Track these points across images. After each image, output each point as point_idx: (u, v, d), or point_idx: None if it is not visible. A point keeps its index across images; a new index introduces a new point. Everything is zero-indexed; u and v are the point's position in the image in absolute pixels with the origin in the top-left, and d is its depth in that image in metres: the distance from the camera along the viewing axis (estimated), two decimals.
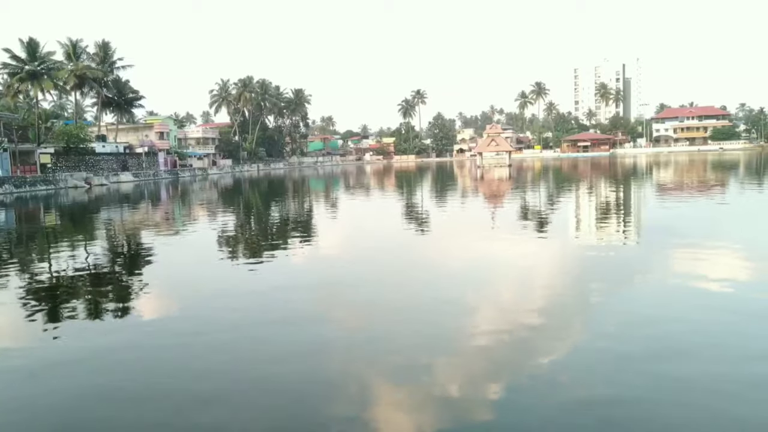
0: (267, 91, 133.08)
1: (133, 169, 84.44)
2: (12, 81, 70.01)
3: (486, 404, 5.93)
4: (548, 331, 8.10)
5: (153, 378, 6.90)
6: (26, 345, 8.54)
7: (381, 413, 5.81)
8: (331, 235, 19.76)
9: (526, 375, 6.61)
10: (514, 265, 12.98)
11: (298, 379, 6.70)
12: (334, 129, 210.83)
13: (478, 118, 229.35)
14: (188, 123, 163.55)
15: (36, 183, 59.90)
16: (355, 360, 7.27)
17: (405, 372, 6.76)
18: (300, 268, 13.69)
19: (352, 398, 6.16)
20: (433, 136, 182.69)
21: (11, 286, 12.43)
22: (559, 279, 11.49)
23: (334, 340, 8.05)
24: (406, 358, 7.17)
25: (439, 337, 7.96)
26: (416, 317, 8.95)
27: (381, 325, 8.74)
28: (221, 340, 8.22)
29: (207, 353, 7.68)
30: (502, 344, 7.68)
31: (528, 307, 9.41)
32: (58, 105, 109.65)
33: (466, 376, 6.62)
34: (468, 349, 7.54)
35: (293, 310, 9.68)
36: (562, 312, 9.11)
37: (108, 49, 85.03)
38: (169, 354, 7.78)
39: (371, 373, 6.83)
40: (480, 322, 8.65)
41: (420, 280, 11.79)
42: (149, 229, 24.21)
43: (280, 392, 6.41)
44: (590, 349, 7.41)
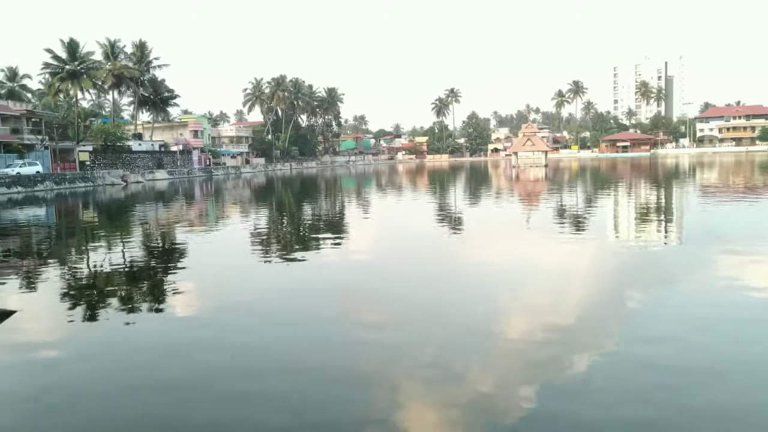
0: (300, 90, 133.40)
1: (168, 166, 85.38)
2: (53, 80, 71.37)
3: (517, 409, 5.76)
4: (583, 336, 7.89)
5: (186, 372, 6.96)
6: (64, 336, 8.50)
7: (410, 416, 5.72)
8: (363, 235, 19.41)
9: (560, 380, 6.37)
10: (549, 267, 12.63)
11: (326, 378, 6.66)
12: (366, 128, 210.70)
13: (514, 118, 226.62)
14: (222, 122, 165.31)
15: (75, 180, 60.83)
16: (384, 361, 7.12)
17: (435, 374, 6.63)
18: (331, 267, 13.50)
19: (381, 399, 6.08)
20: (467, 136, 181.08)
21: (50, 281, 12.73)
22: (596, 282, 11.19)
23: (363, 341, 8.02)
24: (436, 361, 7.04)
25: (471, 340, 7.81)
26: (448, 319, 8.80)
27: (411, 326, 8.59)
28: (256, 337, 8.22)
29: (235, 352, 7.61)
30: (536, 348, 7.44)
31: (563, 310, 9.16)
32: (96, 104, 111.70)
33: (498, 379, 6.47)
34: (501, 352, 7.36)
35: (323, 309, 9.69)
36: (598, 316, 8.89)
37: (145, 48, 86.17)
38: (194, 351, 7.69)
39: (401, 375, 6.69)
40: (514, 325, 8.47)
41: (452, 281, 11.60)
42: (183, 226, 24.30)
43: (308, 392, 6.30)
44: (626, 355, 7.12)
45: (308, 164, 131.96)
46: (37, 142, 65.29)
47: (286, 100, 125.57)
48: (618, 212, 24.08)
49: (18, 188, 51.46)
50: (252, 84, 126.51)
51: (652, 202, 27.64)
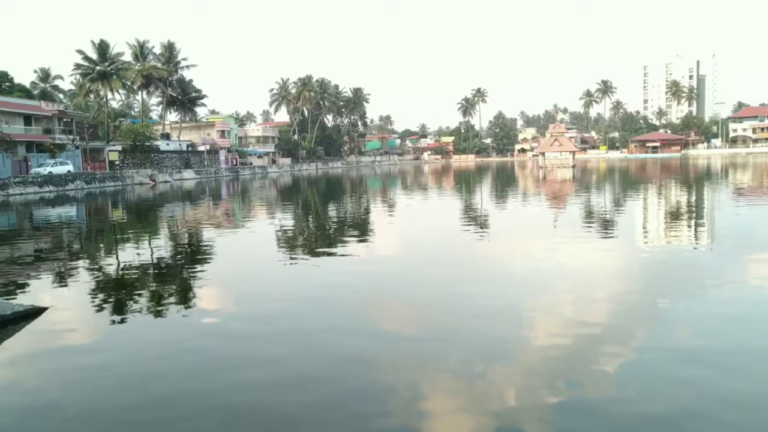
0: (326, 90, 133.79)
1: (196, 166, 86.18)
2: (84, 81, 72.55)
3: (543, 414, 5.65)
4: (610, 340, 7.70)
5: (212, 367, 6.98)
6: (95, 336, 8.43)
7: (433, 420, 5.64)
8: (388, 236, 19.26)
9: (586, 386, 6.26)
10: (576, 269, 12.33)
11: (349, 378, 6.63)
12: (392, 128, 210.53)
13: (541, 118, 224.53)
14: (249, 122, 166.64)
15: (105, 179, 61.68)
16: (408, 363, 7.04)
17: (459, 378, 6.56)
18: (355, 268, 13.36)
19: (404, 402, 6.00)
20: (493, 136, 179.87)
21: (80, 278, 12.84)
22: (625, 285, 10.91)
23: (387, 342, 7.88)
24: (460, 366, 6.92)
25: (496, 343, 7.67)
26: (472, 322, 8.62)
27: (435, 328, 8.45)
28: (278, 337, 8.17)
29: (260, 351, 7.55)
30: (562, 352, 7.30)
31: (590, 313, 8.95)
32: (125, 104, 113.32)
33: (523, 384, 6.34)
34: (527, 357, 7.17)
35: (346, 310, 9.56)
36: (627, 320, 8.65)
37: (173, 49, 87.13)
38: (217, 350, 7.63)
39: (425, 378, 6.62)
40: (540, 329, 8.26)
41: (477, 283, 11.38)
42: (210, 225, 24.41)
43: (332, 394, 6.24)
44: (656, 363, 6.85)
45: (334, 164, 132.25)
46: (68, 142, 66.38)
47: (312, 100, 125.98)
48: (647, 214, 23.59)
49: (50, 187, 52.31)
50: (278, 84, 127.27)
51: (682, 204, 26.95)
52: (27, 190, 49.57)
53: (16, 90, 72.36)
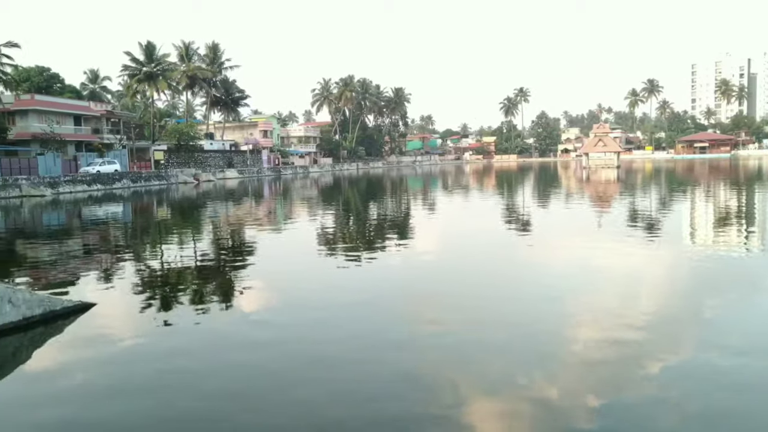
0: (367, 90, 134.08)
1: (238, 166, 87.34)
2: (131, 82, 74.30)
3: (586, 420, 5.51)
4: (655, 345, 7.45)
5: (256, 367, 6.91)
6: (141, 332, 8.49)
7: (471, 422, 5.54)
8: (429, 236, 19.03)
9: (630, 391, 6.07)
10: (620, 271, 12.05)
11: (390, 378, 6.57)
12: (433, 128, 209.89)
13: (585, 117, 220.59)
14: (291, 122, 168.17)
15: (150, 178, 62.98)
16: (447, 365, 6.93)
17: (499, 380, 6.47)
18: (396, 268, 13.24)
19: (444, 403, 5.92)
20: (536, 136, 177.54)
21: (126, 275, 13.07)
22: (671, 288, 10.61)
23: (427, 344, 7.74)
24: (499, 366, 6.86)
25: (536, 345, 7.54)
26: (512, 323, 8.51)
27: (475, 329, 8.30)
28: (319, 336, 8.06)
29: (303, 349, 7.45)
30: (606, 357, 7.09)
31: (635, 317, 8.64)
32: (171, 104, 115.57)
33: (564, 388, 6.18)
34: (568, 360, 7.01)
35: (385, 310, 9.50)
36: (672, 325, 8.36)
37: (217, 50, 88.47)
38: (261, 347, 7.60)
39: (464, 379, 6.50)
40: (582, 332, 8.05)
41: (518, 285, 11.24)
42: (252, 224, 24.56)
43: (372, 393, 6.21)
44: (702, 369, 6.64)
45: (374, 164, 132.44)
46: (115, 142, 68.06)
47: (353, 100, 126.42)
48: (695, 216, 22.82)
49: (98, 186, 53.66)
50: (320, 84, 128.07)
51: (731, 206, 25.89)
52: (76, 189, 50.96)
53: (67, 91, 74.52)
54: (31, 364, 7.57)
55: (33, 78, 70.78)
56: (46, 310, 8.97)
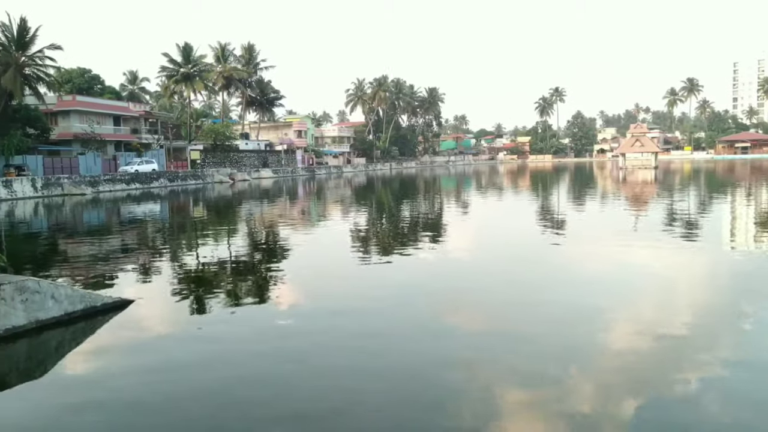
0: (401, 90, 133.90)
1: (273, 165, 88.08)
2: (169, 83, 75.50)
3: (619, 424, 5.41)
4: (693, 349, 7.28)
5: (286, 361, 6.81)
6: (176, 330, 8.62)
7: (506, 425, 5.50)
8: (462, 237, 18.87)
9: (666, 396, 5.93)
10: (657, 274, 11.83)
11: (423, 379, 6.48)
12: (467, 128, 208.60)
13: (621, 117, 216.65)
14: (325, 122, 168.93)
15: (186, 177, 63.95)
16: (483, 367, 6.88)
17: (534, 382, 6.33)
18: (429, 269, 13.15)
19: (477, 405, 5.88)
20: (571, 136, 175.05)
21: (164, 273, 13.39)
22: (709, 291, 10.38)
23: (461, 345, 7.63)
24: (535, 368, 6.72)
25: (572, 348, 7.40)
26: (547, 324, 8.38)
27: (510, 331, 8.23)
28: (354, 333, 8.01)
29: (336, 348, 7.44)
30: (642, 360, 6.95)
31: (671, 320, 8.51)
32: (207, 104, 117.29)
33: (599, 393, 6.05)
34: (603, 363, 6.91)
35: (418, 310, 9.41)
36: (710, 328, 8.23)
37: (253, 51, 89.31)
38: (295, 341, 7.60)
39: (499, 381, 6.47)
40: (617, 334, 7.92)
41: (554, 286, 11.01)
42: (287, 223, 24.71)
43: (406, 395, 6.14)
44: (741, 374, 6.45)
45: (408, 164, 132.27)
46: (153, 141, 69.26)
47: (387, 100, 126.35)
48: (735, 218, 22.18)
49: (136, 185, 54.70)
50: (354, 84, 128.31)
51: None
52: (115, 188, 52.04)
53: (107, 92, 76.13)
54: (72, 358, 7.70)
55: (75, 79, 72.50)
56: (87, 306, 9.11)
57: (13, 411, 6.15)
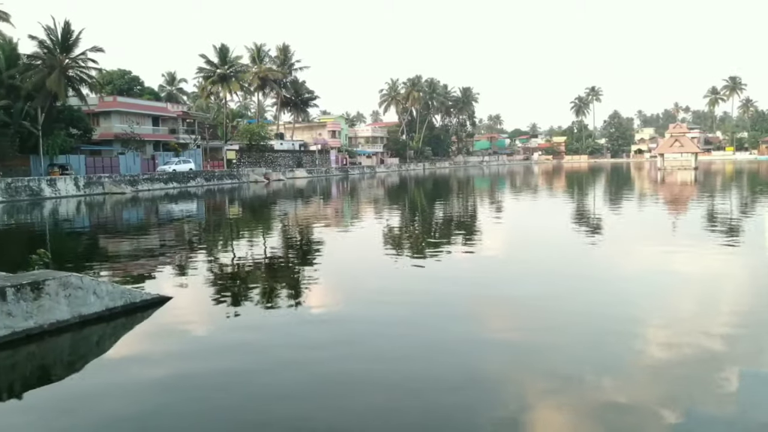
0: (435, 90, 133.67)
1: (307, 165, 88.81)
2: (206, 84, 76.69)
3: None
4: (733, 356, 7.07)
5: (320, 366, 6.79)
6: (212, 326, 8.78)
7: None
8: (495, 238, 18.71)
9: (706, 404, 5.82)
10: (696, 278, 11.59)
11: (455, 381, 6.49)
12: (501, 128, 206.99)
13: (660, 117, 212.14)
14: (358, 122, 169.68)
15: (223, 177, 64.93)
16: (515, 370, 6.83)
17: (568, 388, 6.23)
18: (462, 270, 13.07)
19: (509, 407, 5.84)
20: (608, 136, 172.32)
21: (200, 270, 13.58)
22: (748, 297, 10.07)
23: (494, 348, 7.59)
24: (569, 373, 6.60)
25: (608, 354, 7.27)
26: (583, 330, 8.27)
27: (544, 334, 8.12)
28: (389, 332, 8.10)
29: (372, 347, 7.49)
30: (680, 366, 6.79)
31: (710, 326, 8.30)
32: (242, 105, 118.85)
33: (636, 400, 5.91)
34: (641, 369, 6.75)
35: (451, 311, 9.37)
36: (749, 334, 7.94)
37: (288, 52, 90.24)
38: (329, 345, 7.61)
39: (532, 387, 6.37)
40: (655, 340, 7.75)
41: (589, 289, 10.87)
42: (320, 222, 24.89)
43: (439, 392, 6.19)
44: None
45: (441, 164, 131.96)
46: (190, 141, 70.53)
47: (420, 100, 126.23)
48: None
49: (174, 184, 55.78)
50: (388, 85, 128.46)
51: None
52: (154, 186, 53.17)
53: (146, 93, 77.81)
54: (113, 353, 7.93)
55: (116, 81, 74.28)
56: (126, 302, 9.37)
57: (58, 402, 6.37)
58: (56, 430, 5.70)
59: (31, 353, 7.74)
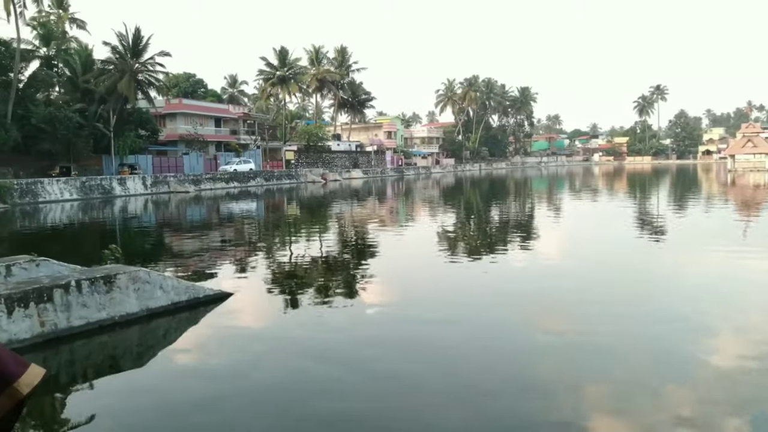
0: (492, 89, 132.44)
1: (363, 166, 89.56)
2: (266, 85, 78.46)
3: None
4: None
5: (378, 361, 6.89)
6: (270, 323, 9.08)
7: None
8: (554, 240, 18.45)
9: None
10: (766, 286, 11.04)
11: (511, 384, 6.51)
12: (560, 128, 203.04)
13: (731, 116, 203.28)
14: (414, 122, 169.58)
15: (281, 177, 66.28)
16: (572, 374, 6.71)
17: (627, 395, 6.12)
18: (518, 272, 13.02)
19: (567, 412, 5.76)
20: (673, 136, 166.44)
21: (259, 268, 14.03)
22: None
23: (549, 352, 7.49)
24: (628, 377, 6.54)
25: (668, 361, 7.05)
26: (643, 335, 8.06)
27: (603, 339, 7.94)
28: (442, 335, 8.01)
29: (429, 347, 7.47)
30: (749, 377, 6.57)
31: None
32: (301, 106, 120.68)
33: (699, 408, 5.79)
34: (706, 378, 6.55)
35: (508, 313, 9.37)
36: None
37: (345, 53, 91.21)
38: (386, 343, 7.66)
39: (590, 390, 6.32)
40: (723, 349, 7.49)
41: (650, 293, 10.56)
42: (375, 222, 25.19)
43: (492, 395, 6.16)
44: None
45: (498, 165, 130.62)
46: (251, 142, 72.31)
47: (477, 100, 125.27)
48: None
49: (234, 183, 57.35)
50: (444, 85, 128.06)
51: None
52: (216, 186, 54.82)
53: (209, 95, 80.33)
54: (178, 345, 8.34)
55: (181, 83, 77.01)
56: (191, 297, 9.82)
57: (128, 388, 6.80)
58: (128, 413, 6.07)
59: (104, 342, 8.24)
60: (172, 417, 5.92)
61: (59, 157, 47.53)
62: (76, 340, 8.06)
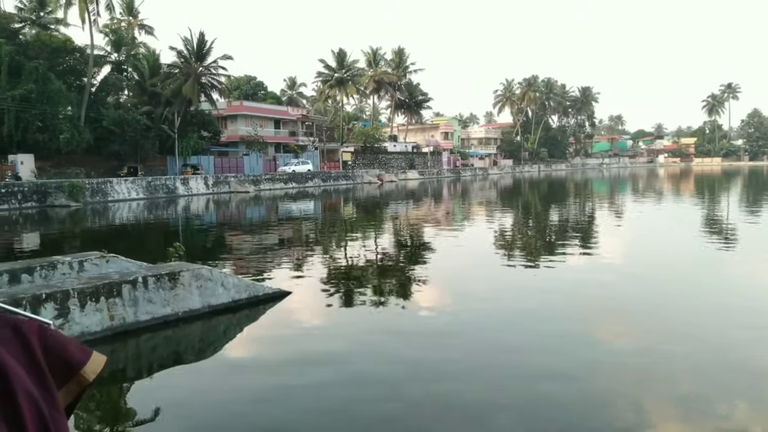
0: (552, 89, 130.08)
1: (419, 167, 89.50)
2: (324, 87, 79.60)
3: None
4: None
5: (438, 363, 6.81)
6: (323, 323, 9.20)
7: None
8: (616, 245, 17.96)
9: None
10: None
11: (568, 392, 6.32)
12: (623, 128, 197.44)
13: None
14: (471, 123, 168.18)
15: (338, 178, 66.97)
16: (627, 383, 6.56)
17: (686, 406, 5.94)
18: (574, 276, 12.69)
19: (619, 422, 5.62)
20: (746, 137, 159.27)
21: (316, 267, 14.25)
22: None
23: (604, 358, 7.30)
24: (691, 390, 6.32)
25: (739, 373, 6.70)
26: (710, 346, 7.72)
27: (659, 346, 7.69)
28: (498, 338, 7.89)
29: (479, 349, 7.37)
30: None
31: None
32: (358, 108, 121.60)
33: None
34: None
35: (563, 319, 9.07)
36: None
37: (402, 55, 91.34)
38: (441, 341, 7.65)
39: (646, 400, 6.10)
40: None
41: (710, 300, 10.23)
42: (431, 224, 25.11)
43: (549, 404, 6.02)
44: None
45: (557, 166, 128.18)
46: (309, 143, 73.42)
47: (536, 100, 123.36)
48: None
49: (293, 184, 58.31)
50: (503, 85, 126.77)
51: None
52: (274, 186, 55.89)
53: (269, 97, 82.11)
54: (238, 342, 8.56)
55: (242, 86, 78.98)
56: (250, 294, 10.05)
57: (192, 382, 7.02)
58: (190, 406, 6.28)
59: (168, 337, 8.54)
60: (232, 411, 6.06)
61: (127, 158, 49.56)
62: (142, 334, 8.37)
